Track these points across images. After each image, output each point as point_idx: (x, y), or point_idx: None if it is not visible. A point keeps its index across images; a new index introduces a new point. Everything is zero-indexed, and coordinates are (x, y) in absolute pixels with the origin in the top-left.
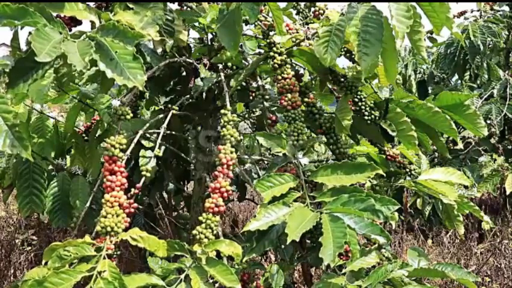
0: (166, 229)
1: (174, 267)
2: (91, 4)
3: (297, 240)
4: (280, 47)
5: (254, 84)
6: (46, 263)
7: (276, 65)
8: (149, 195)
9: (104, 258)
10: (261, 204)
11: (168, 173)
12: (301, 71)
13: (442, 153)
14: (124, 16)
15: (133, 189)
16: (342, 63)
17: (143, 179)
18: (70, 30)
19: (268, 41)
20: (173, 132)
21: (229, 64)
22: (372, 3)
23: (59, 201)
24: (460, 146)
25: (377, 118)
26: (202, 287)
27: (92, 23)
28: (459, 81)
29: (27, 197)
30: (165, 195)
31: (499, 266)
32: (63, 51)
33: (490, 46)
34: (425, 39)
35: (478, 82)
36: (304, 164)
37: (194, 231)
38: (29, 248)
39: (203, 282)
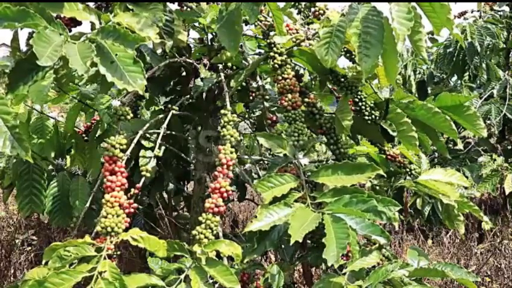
0: (166, 229)
1: (174, 268)
2: (91, 5)
3: (300, 240)
4: (281, 47)
5: (254, 85)
6: (46, 263)
7: (276, 65)
8: (149, 195)
9: (104, 258)
10: (262, 205)
11: (168, 173)
12: (302, 71)
13: (442, 153)
14: (123, 18)
15: (133, 190)
16: (342, 63)
17: (143, 179)
18: (70, 30)
19: (268, 41)
20: (174, 133)
21: (229, 64)
22: (373, 4)
23: (59, 202)
24: (460, 146)
25: (377, 118)
26: (201, 287)
27: (92, 24)
28: (458, 82)
29: (27, 197)
30: (165, 195)
31: (499, 266)
32: (64, 54)
33: (489, 46)
34: (426, 40)
35: (478, 82)
36: (305, 164)
37: (194, 232)
38: (29, 248)
39: (203, 282)
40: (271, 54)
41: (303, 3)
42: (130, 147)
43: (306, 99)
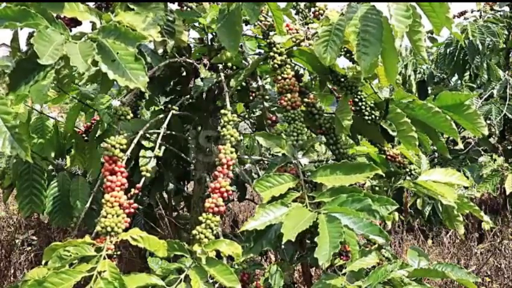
0: (166, 229)
1: (174, 267)
2: (91, 5)
3: (293, 240)
4: (280, 47)
5: (254, 84)
6: (46, 263)
7: (276, 65)
8: (149, 195)
9: (104, 258)
10: (259, 204)
11: (168, 173)
12: (301, 71)
13: (442, 153)
14: (125, 17)
15: (133, 190)
16: (342, 63)
17: (143, 179)
18: (70, 30)
19: (268, 41)
20: (174, 133)
21: (229, 64)
22: (372, 3)
23: (59, 202)
24: (460, 146)
25: (377, 118)
26: (201, 286)
27: (93, 23)
28: (459, 82)
29: (27, 197)
30: (165, 195)
31: (499, 266)
32: (65, 53)
33: (489, 46)
34: (425, 40)
35: (478, 82)
36: (304, 164)
37: (194, 231)
38: (29, 248)
39: (203, 282)
40: (271, 54)
41: (303, 4)
42: (130, 147)
43: (306, 99)
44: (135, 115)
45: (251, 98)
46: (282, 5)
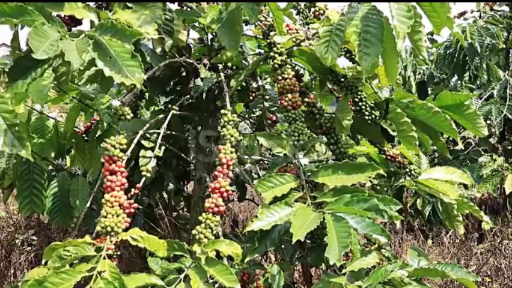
0: (166, 229)
1: (174, 267)
2: (92, 4)
3: (302, 239)
4: (281, 47)
5: (254, 85)
6: (46, 263)
7: (276, 65)
8: (149, 195)
9: (104, 258)
10: (262, 205)
11: (168, 173)
12: (302, 71)
13: (442, 153)
14: (122, 15)
15: (133, 190)
16: (342, 63)
17: (143, 179)
18: (70, 30)
19: (268, 41)
20: (174, 133)
21: (229, 64)
22: (373, 3)
23: (59, 202)
24: (460, 146)
25: (377, 118)
26: (201, 286)
27: (92, 22)
28: (459, 82)
29: (27, 198)
30: (165, 195)
31: (499, 266)
32: (61, 49)
33: (489, 47)
34: (425, 40)
35: (478, 83)
36: (305, 164)
37: (194, 231)
38: (29, 248)
39: (202, 282)
40: (271, 54)
41: (303, 4)
42: (130, 147)
43: (306, 99)
44: (135, 115)
45: (251, 98)
46: (282, 5)
